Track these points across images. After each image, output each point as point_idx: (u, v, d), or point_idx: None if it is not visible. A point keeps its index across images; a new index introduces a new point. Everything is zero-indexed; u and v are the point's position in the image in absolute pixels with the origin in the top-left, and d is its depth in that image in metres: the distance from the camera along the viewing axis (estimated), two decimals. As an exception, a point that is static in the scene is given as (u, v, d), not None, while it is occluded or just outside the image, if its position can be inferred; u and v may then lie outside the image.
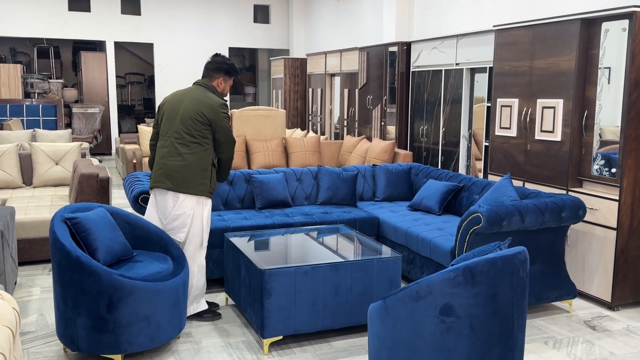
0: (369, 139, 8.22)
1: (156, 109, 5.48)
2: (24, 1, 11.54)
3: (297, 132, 9.40)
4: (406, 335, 2.65)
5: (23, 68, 12.06)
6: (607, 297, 4.30)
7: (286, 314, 3.52)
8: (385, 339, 2.75)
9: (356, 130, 8.86)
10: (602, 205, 4.29)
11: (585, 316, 4.19)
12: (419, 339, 2.60)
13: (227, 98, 4.05)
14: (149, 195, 4.28)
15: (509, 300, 2.57)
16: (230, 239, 4.09)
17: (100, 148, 12.68)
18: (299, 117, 11.23)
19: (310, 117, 10.94)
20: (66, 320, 3.26)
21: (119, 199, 7.56)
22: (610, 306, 4.30)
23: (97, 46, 14.01)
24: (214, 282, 4.54)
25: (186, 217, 3.75)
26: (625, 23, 4.15)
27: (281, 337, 3.56)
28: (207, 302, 4.04)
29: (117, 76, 13.23)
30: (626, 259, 4.25)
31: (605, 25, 4.33)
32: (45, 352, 3.48)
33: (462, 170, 6.56)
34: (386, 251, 4.06)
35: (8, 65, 11.67)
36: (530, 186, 4.91)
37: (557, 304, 4.36)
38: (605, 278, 4.30)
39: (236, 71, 3.94)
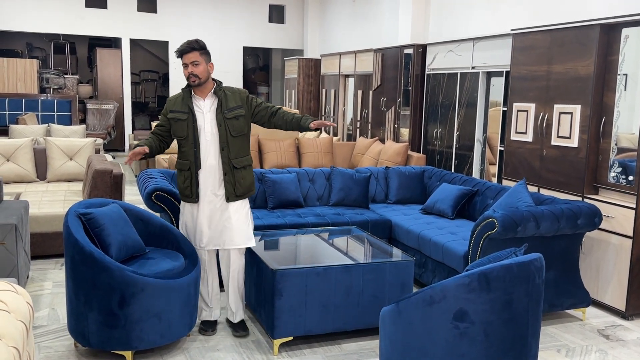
0: (382, 140, 8.19)
1: None
2: (41, -3, 11.62)
3: (310, 133, 9.39)
4: (419, 339, 2.63)
5: (39, 63, 12.15)
6: (621, 306, 4.25)
7: (297, 315, 3.51)
8: (397, 342, 2.73)
9: (369, 131, 8.84)
10: (618, 213, 4.24)
11: (598, 325, 4.14)
12: (432, 344, 2.58)
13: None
14: (162, 192, 4.29)
15: (524, 307, 2.54)
16: (242, 238, 4.08)
17: (114, 144, 12.75)
18: (312, 118, 11.21)
19: (323, 117, 10.92)
20: (77, 315, 3.27)
21: (131, 196, 7.58)
22: (625, 315, 4.24)
23: (112, 43, 14.08)
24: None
25: None
26: (646, 29, 4.09)
27: (291, 338, 3.54)
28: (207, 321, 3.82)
29: (131, 73, 13.28)
30: (642, 268, 4.20)
31: (625, 31, 4.27)
32: (56, 347, 3.49)
33: (475, 174, 6.51)
34: (398, 254, 4.03)
35: (24, 60, 11.76)
36: (545, 192, 4.86)
37: (571, 312, 4.31)
38: (620, 287, 4.24)
39: (177, 52, 3.51)
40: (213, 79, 3.59)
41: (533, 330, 2.61)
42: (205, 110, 3.54)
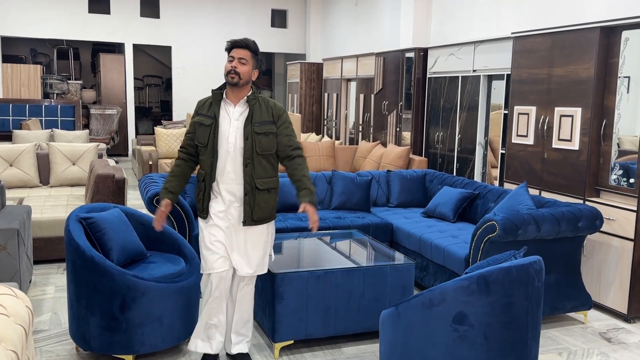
0: (384, 144, 8.19)
1: None
2: (44, 3, 11.68)
3: (312, 137, 9.40)
4: (418, 343, 2.63)
5: (43, 69, 12.21)
6: (623, 309, 4.24)
7: (298, 319, 3.51)
8: (397, 346, 2.73)
9: (371, 135, 8.84)
10: (620, 216, 4.23)
11: (600, 328, 4.13)
12: (432, 347, 2.58)
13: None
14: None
15: (524, 310, 2.54)
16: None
17: (117, 149, 12.79)
18: (314, 122, 11.24)
19: (325, 121, 10.94)
20: (79, 320, 3.28)
21: (134, 200, 7.60)
22: (627, 318, 4.23)
23: (116, 48, 14.14)
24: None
25: None
26: (646, 32, 4.09)
27: (292, 341, 3.55)
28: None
29: (135, 78, 13.34)
30: (644, 271, 4.19)
31: (625, 34, 4.28)
32: (58, 351, 3.50)
33: (477, 177, 6.51)
34: (399, 257, 4.03)
35: (28, 66, 11.82)
36: (546, 195, 4.86)
37: (572, 314, 4.30)
38: (622, 289, 4.23)
39: (229, 43, 3.23)
40: (252, 88, 3.20)
41: (533, 333, 2.61)
42: (233, 117, 3.13)
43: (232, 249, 3.18)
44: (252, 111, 3.11)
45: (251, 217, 3.14)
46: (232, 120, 3.13)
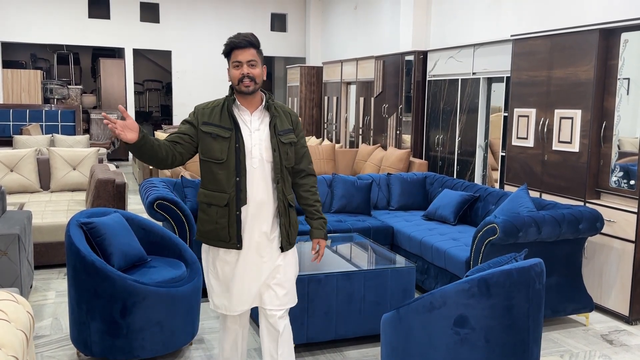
0: (384, 147, 8.19)
1: None
2: (44, 8, 11.71)
3: (312, 140, 9.41)
4: (419, 346, 2.63)
5: (43, 74, 12.24)
6: (624, 311, 4.23)
7: (299, 323, 3.50)
8: (398, 349, 2.73)
9: (371, 138, 8.85)
10: (620, 218, 4.23)
11: (602, 330, 4.12)
12: (433, 350, 2.57)
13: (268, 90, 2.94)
14: (164, 201, 4.28)
15: (525, 313, 2.53)
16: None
17: (118, 154, 12.80)
18: (314, 125, 11.25)
19: (325, 125, 10.95)
20: (80, 325, 3.28)
21: (135, 205, 7.61)
22: (628, 320, 4.23)
23: (116, 53, 14.17)
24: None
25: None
26: (645, 33, 4.10)
27: (294, 345, 3.53)
28: None
29: (135, 83, 13.36)
30: (645, 273, 4.18)
31: (624, 36, 4.28)
32: (59, 356, 3.50)
33: (477, 180, 6.51)
34: (400, 261, 4.03)
35: (28, 71, 11.84)
36: (547, 197, 4.86)
37: (574, 317, 4.29)
38: (623, 291, 4.23)
39: (227, 46, 2.68)
40: (262, 90, 2.76)
41: (534, 335, 2.61)
42: (252, 127, 2.69)
43: (265, 281, 2.76)
44: (272, 118, 2.70)
45: (288, 240, 2.76)
46: (253, 131, 2.68)
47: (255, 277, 2.72)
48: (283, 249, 2.75)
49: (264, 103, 2.73)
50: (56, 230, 5.09)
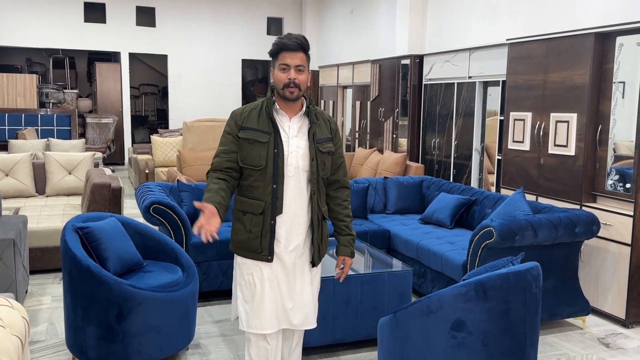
0: (381, 151, 8.20)
1: None
2: (40, 12, 11.70)
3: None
4: (416, 350, 2.62)
5: (39, 78, 12.20)
6: (621, 314, 4.23)
7: (295, 327, 3.49)
8: (395, 353, 2.72)
9: (368, 142, 8.85)
10: (617, 221, 4.24)
11: (599, 333, 4.13)
12: (430, 355, 2.57)
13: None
14: (160, 205, 4.27)
15: (522, 316, 2.53)
16: (240, 250, 4.08)
17: (114, 158, 12.77)
18: (310, 129, 11.25)
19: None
20: (76, 330, 3.26)
21: (131, 209, 7.59)
22: (625, 323, 4.23)
23: (112, 57, 14.15)
24: (224, 293, 4.52)
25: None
26: (639, 38, 4.12)
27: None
28: None
29: (131, 87, 13.33)
30: (641, 276, 4.19)
31: (619, 40, 4.30)
32: (55, 362, 3.48)
33: (474, 183, 6.52)
34: (397, 264, 4.03)
35: (24, 75, 11.81)
36: (543, 201, 4.86)
37: (571, 320, 4.29)
38: (620, 295, 4.23)
39: (276, 46, 2.53)
40: (304, 96, 2.64)
41: (531, 339, 2.61)
42: (291, 134, 2.57)
43: (294, 299, 2.64)
44: (312, 126, 2.59)
45: (319, 255, 2.66)
46: (291, 137, 2.56)
47: (280, 294, 2.60)
48: (314, 264, 2.65)
49: (304, 109, 2.60)
50: (52, 234, 5.07)
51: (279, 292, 2.60)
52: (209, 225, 2.33)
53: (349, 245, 2.75)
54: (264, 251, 2.54)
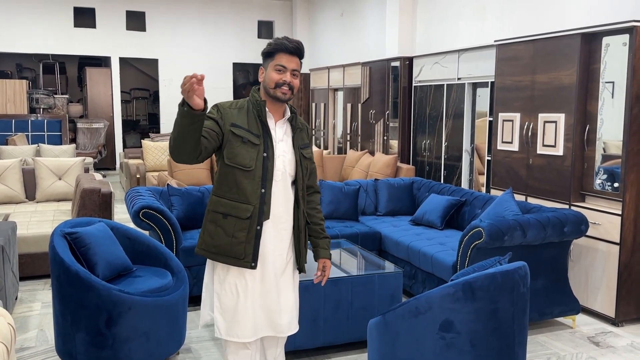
0: (372, 153, 8.21)
1: None
2: (30, 18, 11.65)
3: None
4: (406, 351, 2.63)
5: (29, 84, 12.15)
6: (611, 312, 4.26)
7: (286, 330, 3.49)
8: (385, 355, 2.73)
9: (359, 144, 8.87)
10: (605, 220, 4.26)
11: (588, 332, 4.15)
12: (419, 355, 2.58)
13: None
14: (150, 210, 4.26)
15: (510, 316, 2.54)
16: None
17: (105, 163, 12.72)
18: (302, 132, 11.26)
19: (313, 131, 10.96)
20: (65, 336, 3.24)
21: (122, 214, 7.56)
22: (614, 322, 4.25)
23: (102, 62, 14.11)
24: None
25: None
26: (625, 38, 4.15)
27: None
28: None
29: (122, 91, 13.30)
30: (630, 274, 4.21)
31: (605, 40, 4.33)
32: (44, 368, 3.47)
33: (464, 184, 6.54)
34: (388, 266, 4.03)
35: (14, 81, 11.75)
36: (532, 201, 4.89)
37: (560, 319, 4.31)
38: (609, 293, 4.26)
39: (274, 46, 2.47)
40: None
41: (520, 339, 2.62)
42: (277, 138, 2.52)
43: (276, 306, 2.56)
44: (295, 131, 2.57)
45: (305, 258, 2.65)
46: (277, 141, 2.51)
47: (261, 302, 2.52)
48: (301, 269, 2.64)
49: (289, 114, 2.56)
50: (41, 240, 5.05)
51: (262, 299, 2.52)
52: (199, 88, 2.17)
53: (327, 248, 2.74)
54: (247, 257, 2.45)
